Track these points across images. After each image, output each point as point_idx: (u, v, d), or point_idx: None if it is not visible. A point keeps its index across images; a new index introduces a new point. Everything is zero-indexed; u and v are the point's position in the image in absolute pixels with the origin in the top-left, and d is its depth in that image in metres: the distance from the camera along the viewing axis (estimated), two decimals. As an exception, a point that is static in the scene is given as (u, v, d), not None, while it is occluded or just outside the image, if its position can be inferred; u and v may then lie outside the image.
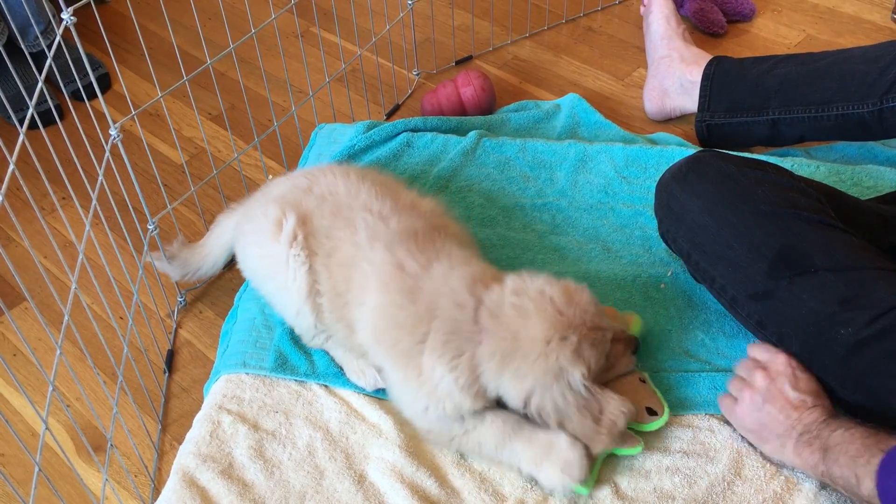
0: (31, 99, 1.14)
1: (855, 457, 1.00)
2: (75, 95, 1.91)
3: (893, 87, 1.42)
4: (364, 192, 1.27)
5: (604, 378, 1.18)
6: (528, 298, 1.12)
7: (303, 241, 1.24)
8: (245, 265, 1.35)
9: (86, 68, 1.27)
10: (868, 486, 0.97)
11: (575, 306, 1.11)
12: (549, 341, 1.08)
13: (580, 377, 1.09)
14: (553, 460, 1.12)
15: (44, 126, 1.22)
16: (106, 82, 2.03)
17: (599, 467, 1.16)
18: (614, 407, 1.12)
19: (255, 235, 1.29)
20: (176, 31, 1.44)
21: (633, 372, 1.22)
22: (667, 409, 1.18)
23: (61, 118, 1.22)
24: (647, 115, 1.84)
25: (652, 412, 1.18)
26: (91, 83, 1.73)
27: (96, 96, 1.23)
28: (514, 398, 1.12)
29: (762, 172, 1.22)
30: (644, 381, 1.21)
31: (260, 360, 1.31)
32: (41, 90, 1.18)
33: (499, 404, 1.16)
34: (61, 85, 1.34)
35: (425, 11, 2.10)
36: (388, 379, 1.22)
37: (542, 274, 1.16)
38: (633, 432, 1.17)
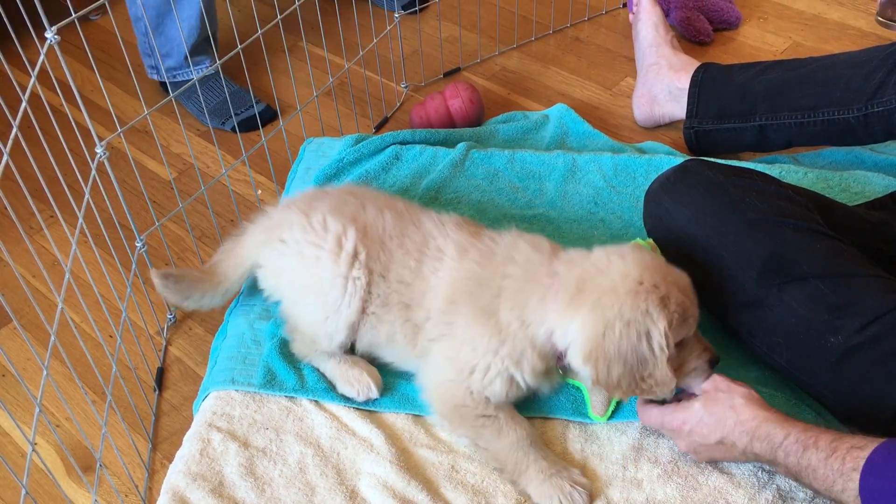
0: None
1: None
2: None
3: (879, 93, 1.42)
4: (416, 205, 1.33)
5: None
6: (620, 252, 1.11)
7: (364, 259, 1.22)
8: (279, 278, 1.29)
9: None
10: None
11: (671, 272, 1.10)
12: (641, 282, 1.06)
13: (664, 329, 1.05)
14: (553, 484, 1.12)
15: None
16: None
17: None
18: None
19: (305, 248, 1.24)
20: (162, 48, 1.44)
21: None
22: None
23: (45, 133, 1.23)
24: (637, 123, 1.84)
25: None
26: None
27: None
28: (577, 336, 1.08)
29: (750, 181, 1.22)
30: None
31: (248, 376, 1.31)
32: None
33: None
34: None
35: (413, 24, 2.10)
36: (437, 347, 1.19)
37: None
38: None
